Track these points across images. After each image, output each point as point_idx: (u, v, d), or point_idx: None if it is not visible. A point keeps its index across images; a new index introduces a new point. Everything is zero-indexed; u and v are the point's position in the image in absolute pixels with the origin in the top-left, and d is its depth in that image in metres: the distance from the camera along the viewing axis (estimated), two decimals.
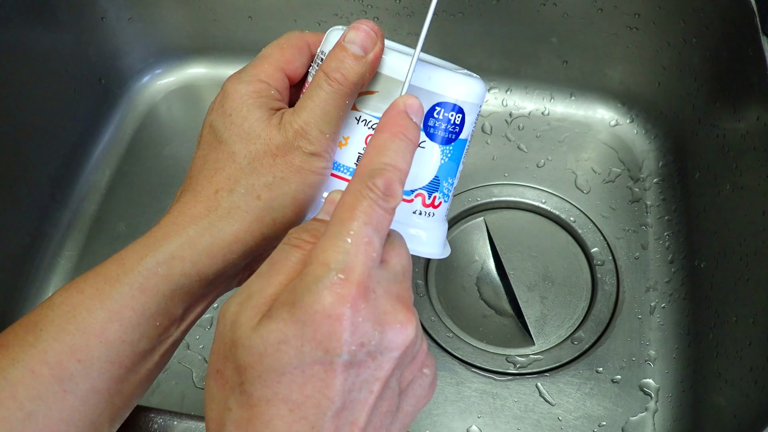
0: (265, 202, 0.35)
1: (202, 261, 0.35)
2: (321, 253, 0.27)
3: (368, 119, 0.37)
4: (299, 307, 0.26)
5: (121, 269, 0.34)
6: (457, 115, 0.38)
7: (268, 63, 0.37)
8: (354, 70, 0.35)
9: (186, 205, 0.35)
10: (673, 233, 0.67)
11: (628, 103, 0.75)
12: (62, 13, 0.69)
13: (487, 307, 0.64)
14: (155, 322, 0.35)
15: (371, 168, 0.29)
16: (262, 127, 0.35)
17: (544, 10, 0.70)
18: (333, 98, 0.35)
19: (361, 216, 0.28)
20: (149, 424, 0.42)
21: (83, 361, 0.33)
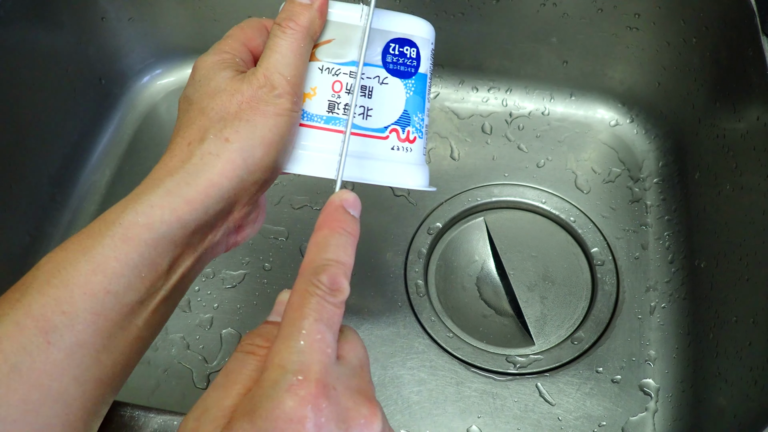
0: (234, 143, 0.36)
1: (181, 208, 0.36)
2: (275, 356, 0.27)
3: (331, 67, 0.40)
4: (259, 415, 0.26)
5: (104, 224, 0.35)
6: (411, 50, 0.41)
7: (231, 39, 0.40)
8: (304, 16, 0.38)
9: (162, 163, 0.37)
10: (673, 233, 0.67)
11: (628, 103, 0.75)
12: (62, 13, 0.69)
13: (487, 307, 0.64)
14: (140, 273, 0.35)
15: (315, 265, 0.30)
16: (228, 82, 0.38)
17: (544, 10, 0.70)
18: (288, 43, 0.38)
19: (310, 314, 0.28)
20: (149, 423, 0.42)
21: (68, 313, 0.34)
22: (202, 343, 0.62)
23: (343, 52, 0.40)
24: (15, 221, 0.65)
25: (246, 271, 0.66)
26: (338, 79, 0.40)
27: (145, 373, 0.61)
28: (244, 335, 0.30)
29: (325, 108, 0.40)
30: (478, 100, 0.77)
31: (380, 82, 0.41)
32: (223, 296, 0.64)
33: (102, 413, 0.37)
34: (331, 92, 0.40)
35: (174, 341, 0.62)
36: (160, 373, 0.61)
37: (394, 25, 0.41)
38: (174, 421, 0.42)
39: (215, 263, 0.66)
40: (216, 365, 0.61)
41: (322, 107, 0.40)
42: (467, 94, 0.77)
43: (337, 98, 0.40)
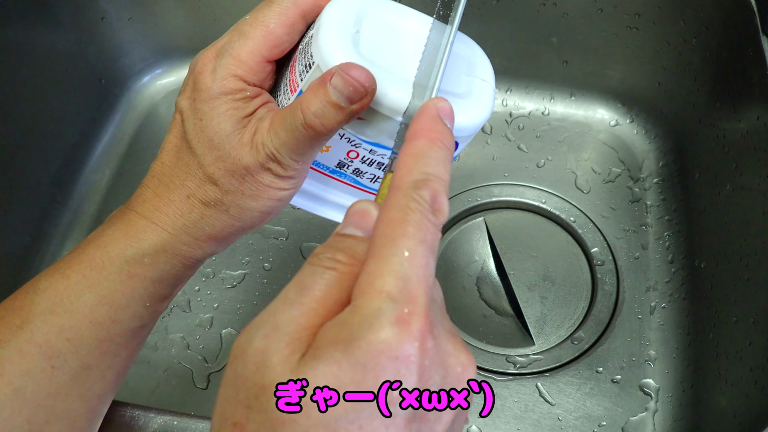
0: (234, 215, 0.37)
1: (182, 251, 0.37)
2: (375, 279, 0.23)
3: (353, 139, 0.36)
4: (358, 346, 0.22)
5: (107, 257, 0.35)
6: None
7: (248, 50, 0.34)
8: (334, 119, 0.33)
9: (161, 201, 0.36)
10: (673, 233, 0.67)
11: (628, 103, 0.75)
12: (62, 13, 0.69)
13: (487, 307, 0.64)
14: (145, 303, 0.36)
15: (413, 179, 0.25)
16: (232, 145, 0.34)
17: (544, 10, 0.70)
18: (308, 140, 0.33)
19: (414, 233, 0.24)
20: (149, 423, 0.42)
21: (72, 340, 0.34)
22: (202, 343, 0.62)
23: (372, 134, 0.35)
24: (15, 221, 0.65)
25: (246, 271, 0.66)
26: (356, 150, 0.36)
27: (145, 373, 0.61)
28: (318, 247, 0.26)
29: (335, 164, 0.38)
30: None
31: None
32: (223, 296, 0.64)
33: (99, 422, 0.38)
34: (345, 156, 0.37)
35: (174, 341, 0.62)
36: (160, 373, 0.61)
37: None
38: (174, 421, 0.42)
39: (215, 263, 0.66)
40: (216, 365, 0.61)
41: (332, 162, 0.38)
42: None
43: (349, 161, 0.37)
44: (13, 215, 0.65)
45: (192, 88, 0.35)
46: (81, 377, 0.34)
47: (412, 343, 0.22)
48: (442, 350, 0.24)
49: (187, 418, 0.42)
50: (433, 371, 0.23)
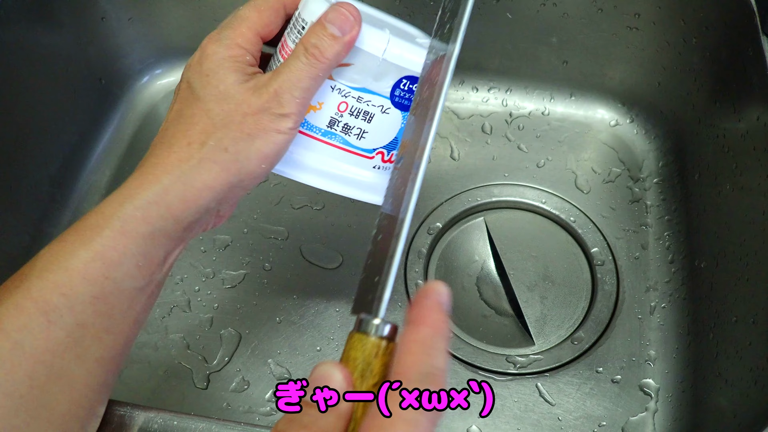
0: (232, 154, 0.37)
1: (176, 206, 0.37)
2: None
3: (342, 88, 0.41)
4: None
5: (102, 218, 0.37)
6: (414, 85, 0.42)
7: (246, 27, 0.40)
8: (331, 48, 0.38)
9: (160, 157, 0.38)
10: (673, 233, 0.67)
11: (628, 103, 0.75)
12: (62, 13, 0.69)
13: (487, 307, 0.64)
14: (137, 262, 0.37)
15: (422, 372, 0.26)
16: (237, 89, 0.38)
17: (544, 10, 0.70)
18: (308, 69, 0.38)
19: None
20: (149, 423, 0.42)
21: (67, 295, 0.35)
22: (202, 343, 0.62)
23: (359, 78, 0.41)
24: (15, 221, 0.65)
25: (246, 271, 0.66)
26: (345, 100, 0.41)
27: (145, 373, 0.61)
28: (279, 422, 0.26)
29: (326, 123, 0.42)
30: (478, 100, 0.77)
31: (382, 111, 0.42)
32: (223, 296, 0.64)
33: (105, 398, 0.38)
34: (336, 111, 0.41)
35: (174, 341, 0.62)
36: (160, 373, 0.61)
37: (412, 63, 0.41)
38: (174, 421, 0.42)
39: (215, 263, 0.66)
40: (216, 365, 0.61)
41: (323, 122, 0.42)
42: (467, 94, 0.77)
43: (339, 117, 0.42)
44: (13, 215, 0.65)
45: (199, 56, 0.39)
46: (76, 334, 0.35)
47: None
48: None
49: (187, 418, 0.42)
50: None
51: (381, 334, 0.28)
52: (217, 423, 0.42)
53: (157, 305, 0.64)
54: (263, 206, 0.70)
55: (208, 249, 0.67)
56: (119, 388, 0.60)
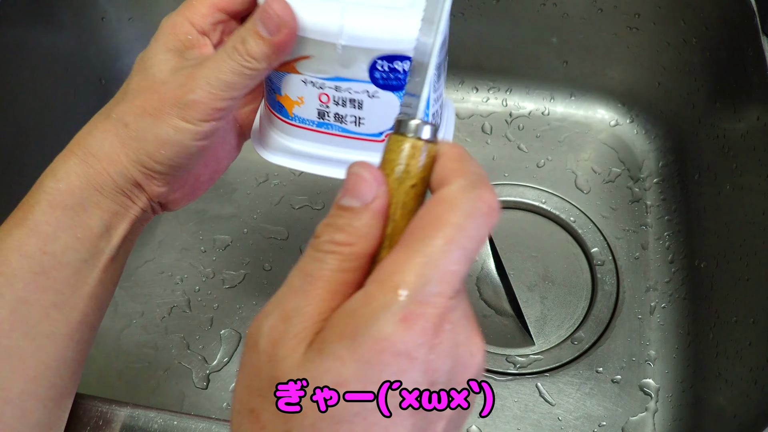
0: (132, 131, 0.37)
1: (93, 177, 0.37)
2: (396, 273, 0.23)
3: (314, 81, 0.38)
4: (362, 342, 0.22)
5: (30, 197, 0.37)
6: (403, 64, 0.37)
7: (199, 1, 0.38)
8: (257, 47, 0.35)
9: (83, 129, 0.39)
10: (673, 233, 0.67)
11: (628, 103, 0.75)
12: (62, 13, 0.69)
13: (487, 307, 0.64)
14: (75, 234, 0.37)
15: (469, 178, 0.24)
16: (159, 66, 0.37)
17: (544, 10, 0.70)
18: (230, 65, 0.36)
19: (456, 236, 0.23)
20: (149, 423, 0.42)
21: (4, 274, 0.35)
22: (202, 343, 0.62)
23: (325, 68, 0.37)
24: None
25: (246, 271, 0.66)
26: (324, 91, 0.38)
27: (145, 373, 0.61)
28: (318, 227, 0.25)
29: (315, 114, 0.39)
30: (478, 100, 0.77)
31: (370, 96, 0.38)
32: (223, 296, 0.64)
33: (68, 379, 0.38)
34: (319, 102, 0.39)
35: (174, 341, 0.62)
36: (160, 373, 0.61)
37: (381, 41, 0.36)
38: (174, 421, 0.42)
39: (215, 263, 0.66)
40: (216, 365, 0.61)
41: (312, 114, 0.39)
42: (467, 94, 0.77)
43: (325, 108, 0.39)
44: None
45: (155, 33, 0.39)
46: (21, 311, 0.35)
47: (419, 343, 0.22)
48: (454, 342, 0.23)
49: (187, 418, 0.42)
50: (441, 363, 0.23)
51: (419, 134, 0.26)
52: (217, 423, 0.42)
53: (157, 305, 0.64)
54: (263, 206, 0.70)
55: (208, 249, 0.67)
56: (119, 388, 0.60)
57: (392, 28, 0.36)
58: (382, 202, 0.25)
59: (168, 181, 0.38)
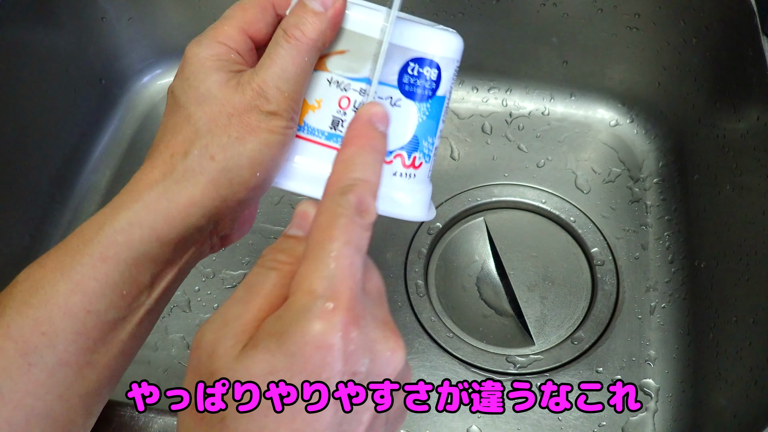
0: (220, 163, 0.34)
1: (159, 226, 0.34)
2: (304, 281, 0.26)
3: (340, 80, 0.36)
4: (287, 338, 0.25)
5: (81, 241, 0.34)
6: (432, 71, 0.37)
7: (228, 25, 0.36)
8: (313, 26, 0.34)
9: (143, 173, 0.35)
10: (673, 233, 0.67)
11: (628, 103, 0.75)
12: (62, 13, 0.69)
13: (487, 307, 0.64)
14: (121, 291, 0.34)
15: (341, 185, 0.28)
16: (219, 88, 0.34)
17: (544, 10, 0.70)
18: (291, 55, 0.34)
19: (339, 236, 0.27)
20: (149, 423, 0.42)
21: (47, 334, 0.33)
22: None
23: (357, 67, 0.36)
24: (15, 221, 0.65)
25: (246, 271, 0.66)
26: (347, 95, 0.37)
27: (145, 373, 0.61)
28: (265, 250, 0.29)
29: (328, 124, 0.37)
30: (478, 100, 0.77)
31: (392, 104, 0.37)
32: (223, 296, 0.64)
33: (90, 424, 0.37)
34: (337, 108, 0.37)
35: (174, 341, 0.62)
36: (160, 373, 0.61)
37: (417, 42, 0.36)
38: (174, 422, 0.42)
39: (215, 263, 0.66)
40: None
41: (325, 123, 0.37)
42: (467, 94, 0.77)
43: (342, 115, 0.37)
44: (13, 215, 0.65)
45: (181, 64, 0.36)
46: (58, 375, 0.33)
47: (334, 333, 0.25)
48: (369, 337, 0.26)
49: None
50: (359, 356, 0.26)
51: None
52: None
53: None
54: (263, 206, 0.70)
55: None
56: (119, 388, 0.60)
57: (433, 33, 0.37)
58: None
59: (244, 208, 0.37)
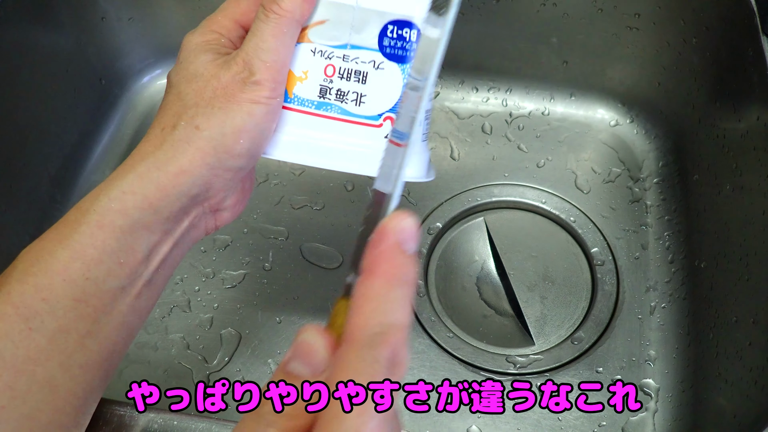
0: (204, 131, 0.36)
1: (152, 194, 0.36)
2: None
3: (324, 49, 0.38)
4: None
5: (79, 212, 0.35)
6: (412, 32, 0.38)
7: (222, 15, 0.39)
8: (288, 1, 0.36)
9: (137, 149, 0.37)
10: (673, 233, 0.67)
11: (628, 103, 0.75)
12: (62, 13, 0.69)
13: (487, 307, 0.64)
14: (119, 259, 0.35)
15: (369, 332, 0.24)
16: (206, 66, 0.37)
17: (544, 10, 0.70)
18: (270, 27, 0.36)
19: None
20: (149, 423, 0.42)
21: (48, 300, 0.34)
22: (202, 343, 0.62)
23: (338, 34, 0.38)
24: (15, 221, 0.65)
25: (246, 271, 0.66)
26: (331, 62, 0.39)
27: (145, 373, 0.61)
28: (251, 416, 0.26)
29: (317, 93, 0.39)
30: (478, 100, 0.77)
31: (375, 67, 0.39)
32: (223, 296, 0.65)
33: (92, 403, 0.37)
34: (324, 76, 0.39)
35: (174, 341, 0.62)
36: (160, 373, 0.61)
37: (394, 5, 0.38)
38: (174, 421, 0.42)
39: (215, 263, 0.66)
40: (216, 365, 0.61)
41: (314, 92, 0.39)
42: (467, 94, 0.77)
43: (329, 83, 0.39)
44: (13, 215, 0.65)
45: (179, 53, 0.39)
46: (59, 341, 0.34)
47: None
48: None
49: (187, 418, 0.42)
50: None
51: None
52: (217, 423, 0.42)
53: (157, 305, 0.64)
54: (263, 206, 0.70)
55: (208, 249, 0.67)
56: (120, 389, 0.60)
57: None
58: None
59: (233, 183, 0.38)
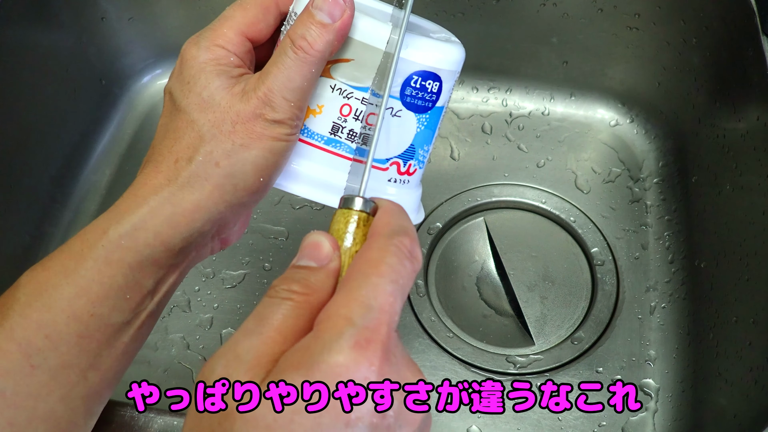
0: (224, 168, 0.34)
1: (165, 231, 0.34)
2: (342, 307, 0.25)
3: (343, 88, 0.37)
4: (318, 368, 0.23)
5: (85, 245, 0.34)
6: (434, 84, 0.38)
7: (227, 26, 0.36)
8: (320, 38, 0.34)
9: (147, 177, 0.35)
10: (673, 233, 0.67)
11: (628, 103, 0.75)
12: (62, 13, 0.69)
13: (487, 307, 0.64)
14: (125, 295, 0.34)
15: (392, 228, 0.28)
16: (223, 95, 0.34)
17: (544, 11, 0.70)
18: (298, 66, 0.34)
19: (388, 273, 0.26)
20: (149, 424, 0.42)
21: (51, 337, 0.33)
22: (202, 343, 0.62)
23: (361, 76, 0.36)
24: (15, 221, 0.65)
25: (246, 271, 0.66)
26: (348, 102, 0.37)
27: (145, 373, 0.61)
28: (275, 281, 0.28)
29: (328, 129, 0.37)
30: (478, 100, 0.77)
31: (392, 114, 0.37)
32: (223, 296, 0.65)
33: (91, 424, 0.37)
34: (338, 115, 0.37)
35: (174, 341, 0.62)
36: (160, 373, 0.61)
37: (421, 55, 0.37)
38: (174, 421, 0.42)
39: (215, 263, 0.66)
40: None
41: (326, 128, 0.37)
42: (467, 94, 0.77)
43: (342, 122, 0.37)
44: (13, 215, 0.65)
45: (179, 65, 0.36)
46: (61, 377, 0.33)
47: (368, 367, 0.24)
48: (400, 376, 0.25)
49: None
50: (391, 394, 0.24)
51: (362, 209, 0.30)
52: None
53: None
54: (263, 206, 0.70)
55: None
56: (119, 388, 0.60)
57: (436, 46, 0.37)
58: (336, 264, 0.29)
59: (246, 211, 0.37)
